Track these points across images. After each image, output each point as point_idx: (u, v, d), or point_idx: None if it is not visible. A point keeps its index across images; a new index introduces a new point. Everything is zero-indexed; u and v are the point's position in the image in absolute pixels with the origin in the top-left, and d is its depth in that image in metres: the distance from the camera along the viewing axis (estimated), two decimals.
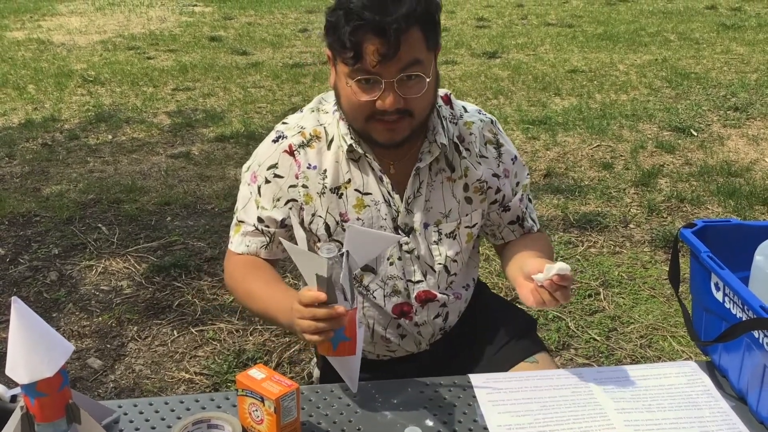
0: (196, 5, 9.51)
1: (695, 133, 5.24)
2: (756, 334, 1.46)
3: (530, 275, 1.54)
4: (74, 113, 5.62)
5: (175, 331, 3.08)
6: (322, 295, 1.39)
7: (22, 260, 3.65)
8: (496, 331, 1.91)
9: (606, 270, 3.52)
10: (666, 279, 3.34)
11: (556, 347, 2.95)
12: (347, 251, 1.44)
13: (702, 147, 5.00)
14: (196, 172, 4.64)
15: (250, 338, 3.03)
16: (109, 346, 3.00)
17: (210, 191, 4.37)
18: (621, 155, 4.88)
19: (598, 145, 5.05)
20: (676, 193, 4.26)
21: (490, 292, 2.09)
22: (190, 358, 2.92)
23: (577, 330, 3.05)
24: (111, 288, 3.40)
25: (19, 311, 1.35)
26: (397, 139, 1.62)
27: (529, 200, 1.87)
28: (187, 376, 2.81)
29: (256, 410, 1.47)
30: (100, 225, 3.98)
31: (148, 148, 5.01)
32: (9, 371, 1.37)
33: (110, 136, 5.18)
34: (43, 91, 6.11)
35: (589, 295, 3.30)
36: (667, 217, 4.03)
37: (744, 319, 1.47)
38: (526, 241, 1.84)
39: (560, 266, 1.47)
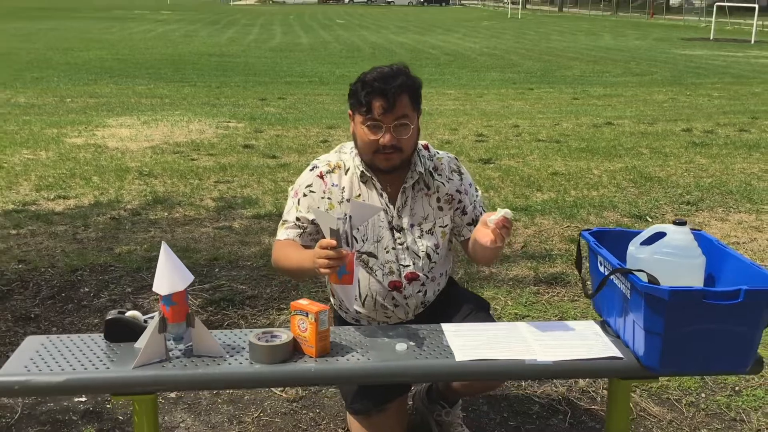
0: (229, 122, 10.82)
1: (650, 219, 6.27)
2: (614, 279, 2.39)
3: (485, 221, 2.38)
4: (134, 197, 6.73)
5: None
6: (333, 242, 2.34)
7: (102, 295, 4.63)
8: (460, 307, 2.89)
9: (565, 311, 4.46)
10: None
11: None
12: (349, 216, 2.48)
13: None
14: (237, 239, 5.68)
15: None
16: None
17: (249, 252, 5.38)
18: None
19: (568, 226, 6.08)
20: None
21: (457, 284, 3.10)
22: None
23: None
24: None
25: (165, 249, 2.24)
26: (390, 166, 2.66)
27: (483, 208, 2.89)
28: None
29: (302, 323, 2.39)
30: None
31: (198, 222, 6.07)
32: (155, 287, 2.21)
33: (166, 213, 6.26)
34: (106, 181, 7.24)
35: None
36: None
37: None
38: None
39: (506, 210, 2.29)
